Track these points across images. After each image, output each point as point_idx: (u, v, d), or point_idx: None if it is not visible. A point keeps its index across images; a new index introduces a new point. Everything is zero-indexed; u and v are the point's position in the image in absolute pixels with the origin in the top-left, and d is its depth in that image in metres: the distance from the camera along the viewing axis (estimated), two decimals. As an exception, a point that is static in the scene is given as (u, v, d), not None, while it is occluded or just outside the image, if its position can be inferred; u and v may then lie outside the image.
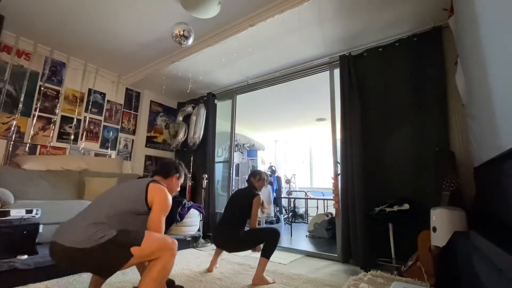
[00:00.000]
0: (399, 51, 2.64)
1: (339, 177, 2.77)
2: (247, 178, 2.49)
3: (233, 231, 2.18)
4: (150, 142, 4.48)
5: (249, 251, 2.31)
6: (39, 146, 3.23)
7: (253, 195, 2.26)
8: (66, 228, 1.30)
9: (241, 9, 2.49)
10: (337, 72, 3.03)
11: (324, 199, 5.58)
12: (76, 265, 1.32)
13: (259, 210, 2.25)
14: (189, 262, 2.52)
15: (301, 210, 6.31)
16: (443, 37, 2.44)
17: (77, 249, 1.20)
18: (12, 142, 3.00)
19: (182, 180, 1.77)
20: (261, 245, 2.12)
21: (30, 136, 3.15)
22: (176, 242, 1.42)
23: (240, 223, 2.23)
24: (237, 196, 2.44)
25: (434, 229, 1.77)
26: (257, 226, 2.25)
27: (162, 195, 1.42)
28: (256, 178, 2.41)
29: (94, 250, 1.20)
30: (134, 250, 1.26)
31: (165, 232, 2.92)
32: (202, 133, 4.17)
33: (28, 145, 3.12)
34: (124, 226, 1.31)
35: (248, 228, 2.25)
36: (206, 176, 3.82)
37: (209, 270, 2.26)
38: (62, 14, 2.65)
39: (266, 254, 2.05)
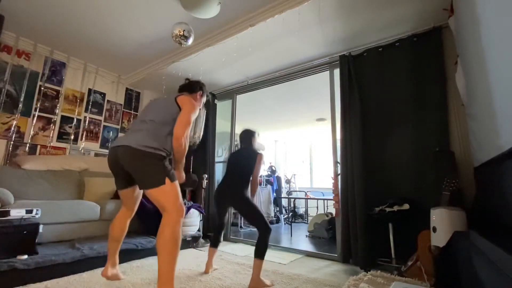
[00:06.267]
0: (399, 51, 2.64)
1: (339, 177, 2.77)
2: (244, 138, 2.45)
3: (238, 189, 2.16)
4: (150, 142, 4.47)
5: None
6: (39, 146, 3.23)
7: (257, 152, 2.33)
8: (129, 135, 1.66)
9: (241, 9, 2.49)
10: (337, 72, 3.03)
11: (324, 199, 5.58)
12: (132, 162, 1.57)
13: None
14: (189, 262, 2.52)
15: (301, 210, 6.31)
16: (443, 37, 2.43)
17: (136, 149, 1.53)
18: (12, 142, 3.00)
19: (204, 98, 2.07)
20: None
21: (30, 136, 3.15)
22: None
23: (245, 184, 2.21)
24: (239, 156, 2.39)
25: (434, 229, 1.77)
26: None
27: (190, 101, 1.72)
28: (255, 136, 2.47)
29: (146, 155, 1.53)
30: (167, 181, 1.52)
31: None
32: (202, 133, 4.17)
33: (28, 145, 3.13)
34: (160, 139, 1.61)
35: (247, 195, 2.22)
36: (206, 176, 3.82)
37: (206, 271, 2.22)
38: (62, 14, 2.65)
39: (260, 255, 1.92)
